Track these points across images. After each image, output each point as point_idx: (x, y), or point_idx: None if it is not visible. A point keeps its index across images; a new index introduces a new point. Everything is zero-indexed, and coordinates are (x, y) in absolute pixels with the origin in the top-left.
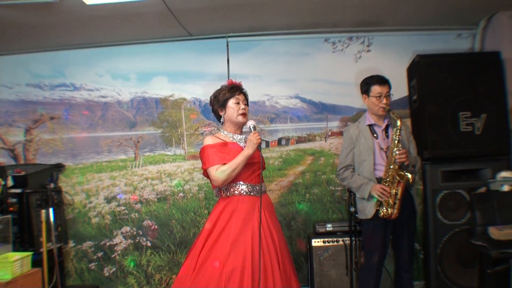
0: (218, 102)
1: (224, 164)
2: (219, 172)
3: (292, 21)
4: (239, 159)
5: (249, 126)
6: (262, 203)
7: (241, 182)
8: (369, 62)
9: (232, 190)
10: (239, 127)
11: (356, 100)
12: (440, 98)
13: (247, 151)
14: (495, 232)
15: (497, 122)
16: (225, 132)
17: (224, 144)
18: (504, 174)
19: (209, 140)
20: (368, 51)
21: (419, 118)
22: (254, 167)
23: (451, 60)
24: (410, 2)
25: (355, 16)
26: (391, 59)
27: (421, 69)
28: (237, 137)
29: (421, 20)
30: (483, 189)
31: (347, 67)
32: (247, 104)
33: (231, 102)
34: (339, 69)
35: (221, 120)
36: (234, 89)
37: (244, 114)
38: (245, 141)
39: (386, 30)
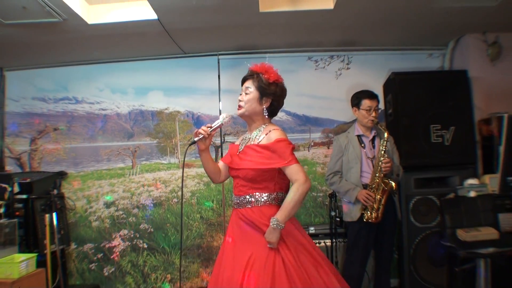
0: None
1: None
2: None
3: (278, 40)
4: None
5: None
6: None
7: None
8: (349, 79)
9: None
10: (249, 124)
11: (337, 113)
12: (413, 112)
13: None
14: (462, 234)
15: (464, 134)
16: (247, 132)
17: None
18: (470, 181)
19: None
20: (348, 68)
21: (394, 130)
22: (237, 178)
23: (423, 78)
24: (386, 24)
25: (336, 37)
26: (368, 76)
27: (396, 85)
28: (248, 136)
29: (396, 41)
30: (451, 195)
31: (328, 83)
32: (258, 90)
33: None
34: (321, 85)
35: None
36: (242, 79)
37: (239, 106)
38: (248, 141)
39: (364, 50)
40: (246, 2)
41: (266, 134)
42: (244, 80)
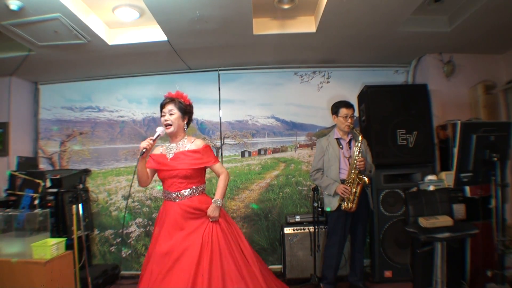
0: None
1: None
2: None
3: (269, 58)
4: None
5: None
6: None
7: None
8: (329, 91)
9: None
10: (172, 137)
11: (319, 120)
12: (383, 119)
13: None
14: (423, 221)
15: (425, 137)
16: (167, 144)
17: (153, 155)
18: (430, 177)
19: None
20: (328, 82)
21: (367, 134)
22: (173, 178)
23: (391, 90)
24: (359, 45)
25: (318, 55)
26: (345, 88)
27: (368, 96)
28: (169, 145)
29: (368, 59)
30: (414, 189)
31: (311, 95)
32: (179, 111)
33: (162, 119)
34: (305, 96)
35: None
36: (162, 104)
37: (167, 125)
38: (176, 149)
39: (341, 66)
40: (242, 26)
41: (191, 143)
42: (164, 105)
